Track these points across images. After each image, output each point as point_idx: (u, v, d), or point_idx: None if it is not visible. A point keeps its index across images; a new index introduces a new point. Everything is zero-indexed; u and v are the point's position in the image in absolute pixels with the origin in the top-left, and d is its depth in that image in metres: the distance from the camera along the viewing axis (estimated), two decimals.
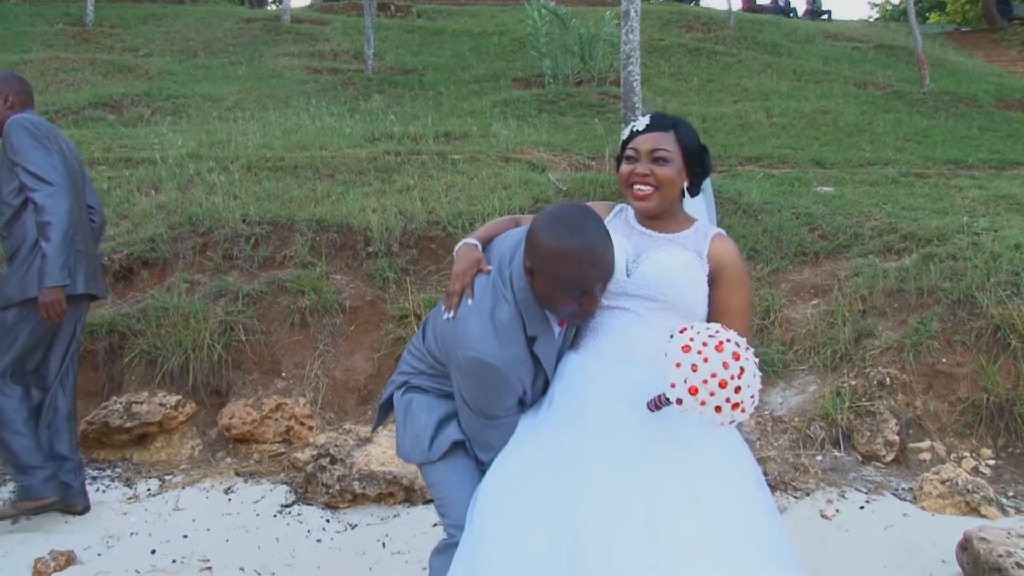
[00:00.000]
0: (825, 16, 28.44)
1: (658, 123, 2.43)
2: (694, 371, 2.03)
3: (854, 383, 5.11)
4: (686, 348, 2.06)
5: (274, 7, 29.24)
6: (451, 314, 2.36)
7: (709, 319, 2.37)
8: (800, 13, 28.55)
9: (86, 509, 4.31)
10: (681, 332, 2.11)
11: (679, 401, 2.05)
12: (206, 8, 22.26)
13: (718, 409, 2.03)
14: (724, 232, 2.48)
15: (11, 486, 4.47)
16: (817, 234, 6.52)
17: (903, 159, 9.82)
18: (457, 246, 2.52)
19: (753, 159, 9.50)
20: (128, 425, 4.96)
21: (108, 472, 4.87)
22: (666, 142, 2.40)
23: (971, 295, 5.31)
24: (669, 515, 2.11)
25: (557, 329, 2.43)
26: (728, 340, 2.06)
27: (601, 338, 2.43)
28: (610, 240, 2.24)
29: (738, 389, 2.02)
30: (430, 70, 15.86)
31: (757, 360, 2.10)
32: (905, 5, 28.09)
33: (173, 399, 5.11)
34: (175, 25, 19.39)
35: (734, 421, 2.08)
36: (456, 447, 2.49)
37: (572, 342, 2.55)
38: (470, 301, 2.33)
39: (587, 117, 11.67)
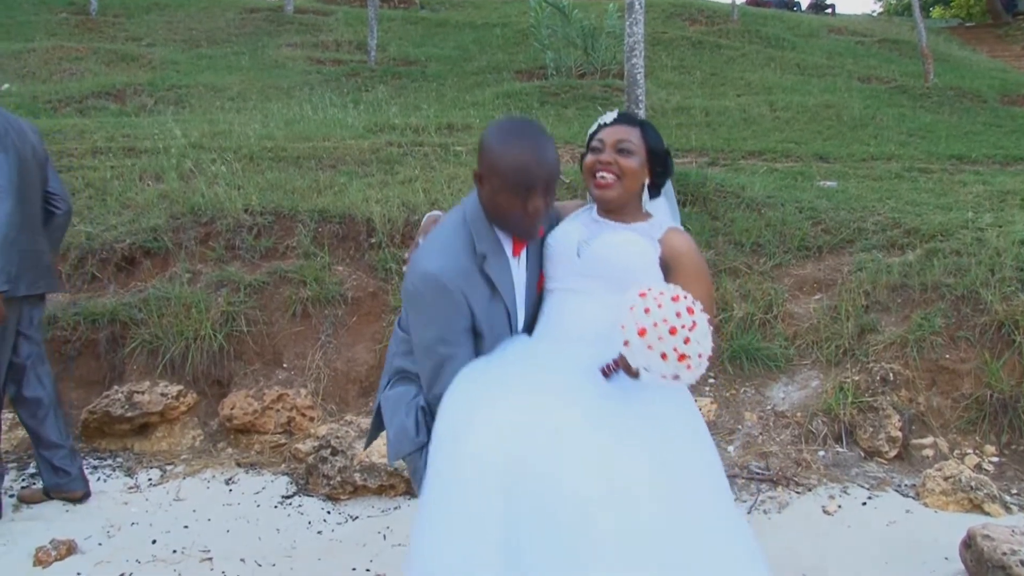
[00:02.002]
0: (829, 10, 28.35)
1: (625, 119, 2.52)
2: (646, 313, 2.04)
3: (857, 378, 5.09)
4: (642, 294, 2.08)
5: None
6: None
7: None
8: (804, 7, 28.47)
9: (87, 495, 4.30)
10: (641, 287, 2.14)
11: (626, 343, 2.05)
12: None
13: (664, 356, 2.01)
14: (682, 229, 2.52)
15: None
16: (820, 228, 6.50)
17: (907, 154, 9.79)
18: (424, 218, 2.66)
19: (756, 153, 9.46)
20: (129, 415, 4.96)
21: (109, 462, 4.86)
22: (632, 135, 2.46)
23: (975, 291, 5.29)
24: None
25: (511, 254, 2.39)
26: (685, 297, 2.07)
27: (553, 319, 2.45)
28: (552, 142, 2.31)
29: (687, 340, 2.01)
30: (433, 61, 15.82)
31: (712, 330, 2.11)
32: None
33: (174, 389, 5.10)
34: (178, 15, 19.35)
35: (678, 377, 2.05)
36: None
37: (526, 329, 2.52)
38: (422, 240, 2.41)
39: (590, 110, 11.64)
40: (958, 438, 4.84)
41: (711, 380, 5.41)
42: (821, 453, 4.80)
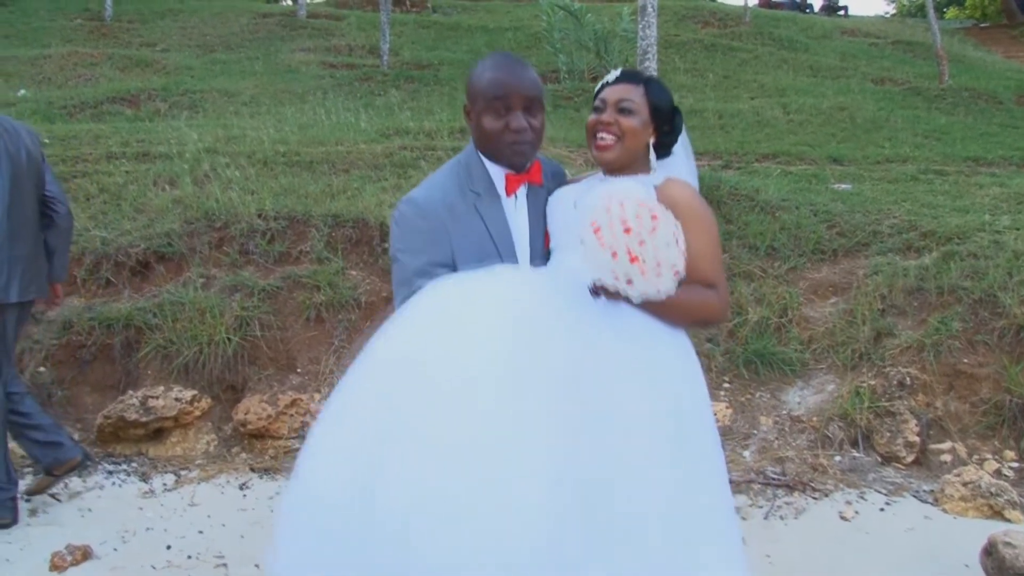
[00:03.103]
0: (842, 12, 28.26)
1: (629, 77, 2.38)
2: (607, 212, 1.98)
3: (873, 383, 5.05)
4: (609, 196, 2.02)
5: (290, 2, 29.30)
6: None
7: None
8: (816, 9, 28.38)
9: (86, 458, 4.36)
10: None
11: (582, 242, 2.00)
12: (223, 3, 22.27)
13: (614, 254, 1.94)
14: (687, 182, 2.36)
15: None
16: (835, 232, 6.46)
17: (922, 156, 9.73)
18: None
19: (770, 156, 9.43)
20: (144, 419, 4.96)
21: (124, 467, 4.87)
22: (633, 94, 2.32)
23: (993, 294, 5.24)
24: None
25: (504, 193, 2.33)
26: (654, 207, 2.01)
27: (550, 271, 2.30)
28: (530, 67, 2.33)
29: (642, 242, 1.94)
30: (445, 65, 15.83)
31: (682, 249, 2.01)
32: (921, 0, 27.90)
33: (189, 394, 5.10)
34: (192, 20, 19.45)
35: (632, 282, 1.97)
36: None
37: None
38: None
39: None
40: (977, 443, 4.79)
41: (726, 384, 5.39)
42: (837, 458, 4.77)
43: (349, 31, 19.04)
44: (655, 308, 2.08)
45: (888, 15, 35.76)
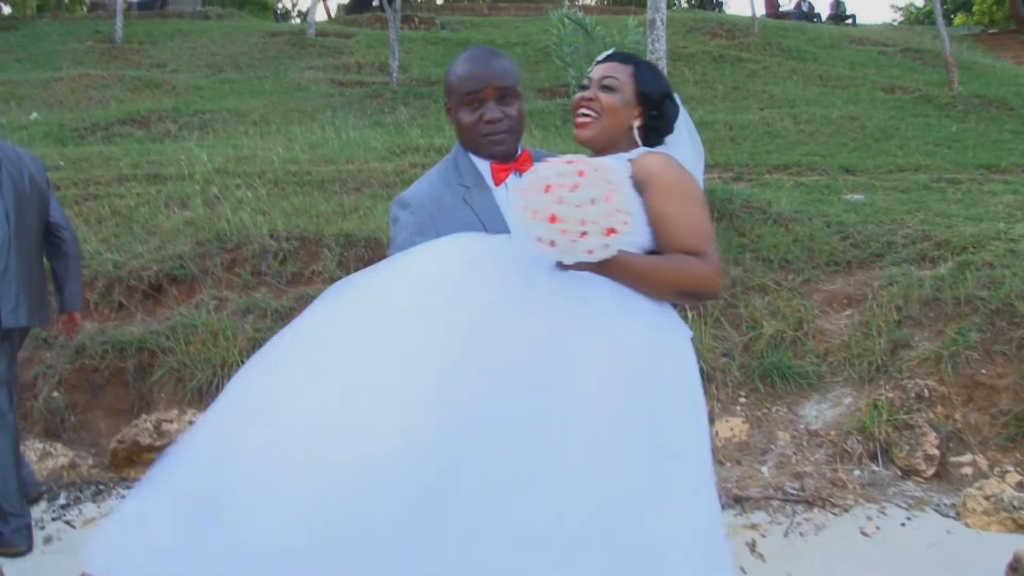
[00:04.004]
0: (849, 20, 28.21)
1: (619, 57, 2.28)
2: (533, 174, 1.86)
3: (891, 395, 5.00)
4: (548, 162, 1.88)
5: (298, 21, 29.49)
6: None
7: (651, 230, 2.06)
8: (824, 18, 28.36)
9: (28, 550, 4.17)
10: None
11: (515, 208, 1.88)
12: (232, 23, 22.45)
13: (533, 214, 1.79)
14: (668, 153, 2.17)
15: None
16: (849, 243, 6.42)
17: (934, 164, 9.68)
18: None
19: (781, 167, 9.40)
20: (158, 444, 4.94)
21: None
22: (619, 72, 2.21)
23: (1010, 304, 5.19)
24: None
25: (492, 184, 2.30)
26: (587, 163, 1.82)
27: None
28: (505, 57, 2.28)
29: (560, 200, 1.78)
30: None
31: (618, 207, 1.80)
32: (929, 7, 27.84)
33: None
34: (201, 40, 19.57)
35: (555, 244, 1.78)
36: None
37: None
38: None
39: None
40: (998, 455, 4.73)
41: (742, 399, 5.35)
42: (857, 472, 4.72)
43: (358, 49, 19.11)
44: (626, 277, 1.91)
45: (896, 23, 35.71)
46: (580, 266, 1.85)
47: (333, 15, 28.09)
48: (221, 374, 5.26)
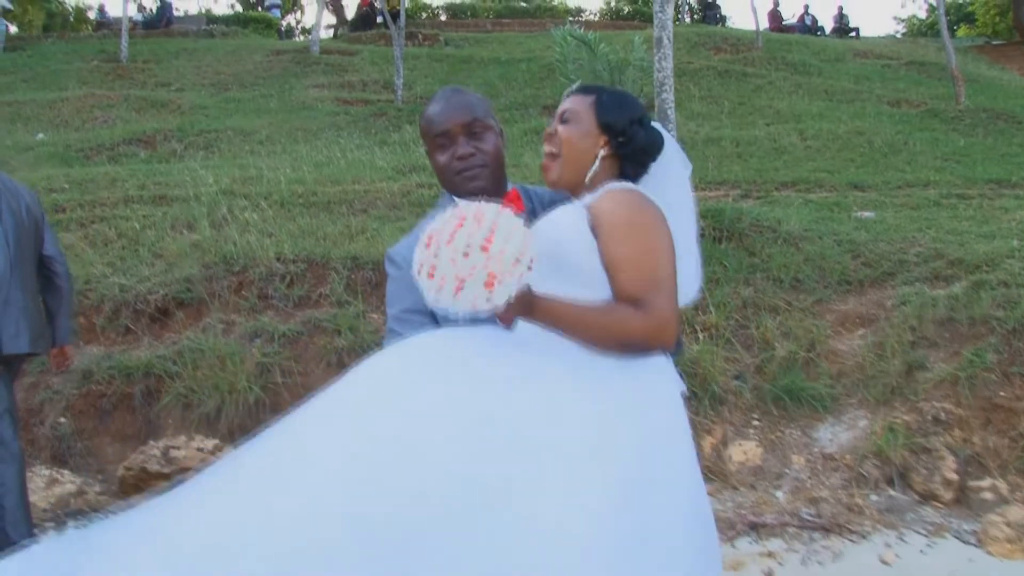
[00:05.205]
0: (853, 33, 28.22)
1: (582, 89, 2.15)
2: (427, 228, 1.74)
3: (907, 418, 4.93)
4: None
5: (302, 38, 29.57)
6: None
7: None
8: (828, 31, 28.36)
9: None
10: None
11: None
12: (236, 41, 22.49)
13: (419, 270, 1.70)
14: (632, 186, 2.02)
15: None
16: (860, 262, 6.38)
17: (943, 180, 9.63)
18: None
19: (789, 184, 9.35)
20: (166, 471, 4.90)
21: None
22: (578, 103, 2.08)
23: None
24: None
25: None
26: (468, 211, 1.72)
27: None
28: (470, 93, 2.25)
29: (436, 255, 1.68)
30: None
31: (499, 255, 1.67)
32: (932, 19, 27.81)
33: (211, 443, 5.04)
34: (206, 58, 19.60)
35: (438, 300, 1.69)
36: None
37: None
38: None
39: None
40: (1018, 480, 4.65)
41: (755, 422, 5.28)
42: (874, 498, 4.65)
43: (362, 66, 19.13)
44: (554, 326, 1.79)
45: (899, 35, 35.69)
46: (503, 317, 1.75)
47: (337, 33, 28.14)
48: (229, 400, 5.21)
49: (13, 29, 24.19)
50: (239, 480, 1.65)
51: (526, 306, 1.77)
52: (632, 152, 2.07)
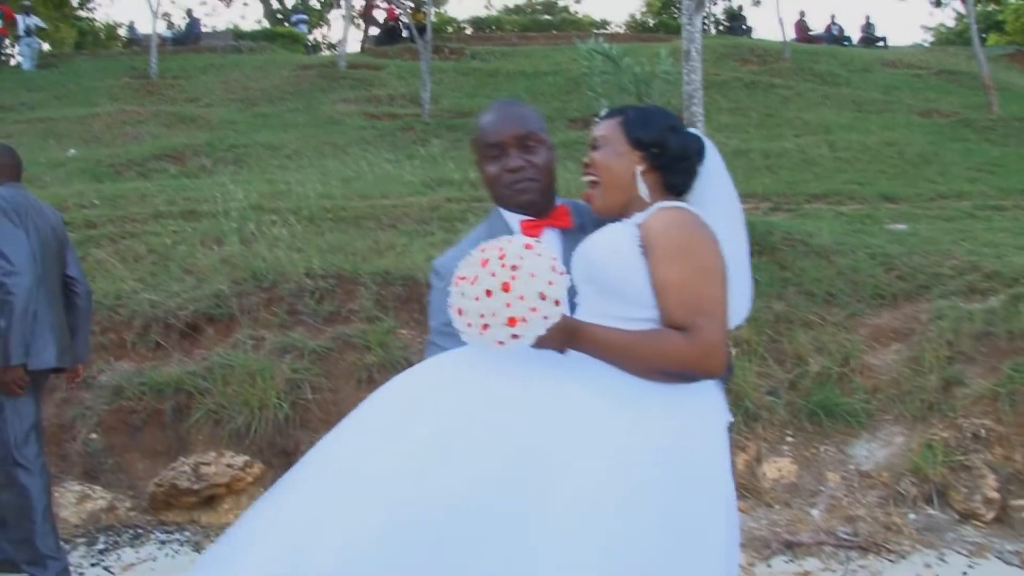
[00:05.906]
0: (881, 43, 27.99)
1: (609, 113, 2.13)
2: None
3: (945, 435, 4.85)
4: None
5: (328, 52, 29.77)
6: None
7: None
8: (855, 41, 28.16)
9: None
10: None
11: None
12: (263, 56, 22.67)
13: (449, 307, 1.74)
14: (685, 206, 1.98)
15: None
16: (894, 275, 6.28)
17: (977, 191, 9.51)
18: None
19: (820, 196, 9.27)
20: (196, 487, 4.91)
21: (176, 536, 4.80)
22: (606, 128, 2.06)
23: None
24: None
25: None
26: (491, 250, 1.73)
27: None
28: (524, 106, 2.26)
29: (462, 293, 1.71)
30: None
31: (530, 297, 1.68)
32: (960, 27, 27.54)
33: (240, 460, 5.04)
34: (234, 73, 19.77)
35: (467, 338, 1.72)
36: None
37: None
38: None
39: None
40: None
41: (789, 438, 5.21)
42: (912, 516, 4.56)
43: (389, 80, 19.21)
44: (598, 355, 1.78)
45: (927, 43, 35.40)
46: (542, 344, 1.73)
47: (363, 47, 28.31)
48: (259, 416, 5.21)
49: (46, 47, 24.52)
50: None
51: (568, 336, 1.76)
52: (669, 161, 2.03)
